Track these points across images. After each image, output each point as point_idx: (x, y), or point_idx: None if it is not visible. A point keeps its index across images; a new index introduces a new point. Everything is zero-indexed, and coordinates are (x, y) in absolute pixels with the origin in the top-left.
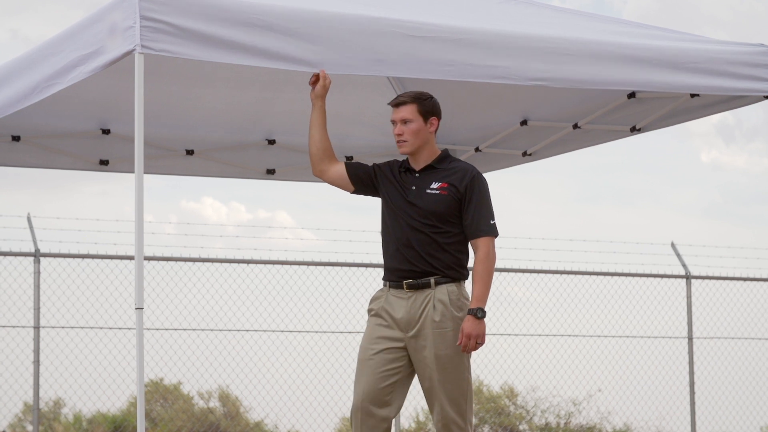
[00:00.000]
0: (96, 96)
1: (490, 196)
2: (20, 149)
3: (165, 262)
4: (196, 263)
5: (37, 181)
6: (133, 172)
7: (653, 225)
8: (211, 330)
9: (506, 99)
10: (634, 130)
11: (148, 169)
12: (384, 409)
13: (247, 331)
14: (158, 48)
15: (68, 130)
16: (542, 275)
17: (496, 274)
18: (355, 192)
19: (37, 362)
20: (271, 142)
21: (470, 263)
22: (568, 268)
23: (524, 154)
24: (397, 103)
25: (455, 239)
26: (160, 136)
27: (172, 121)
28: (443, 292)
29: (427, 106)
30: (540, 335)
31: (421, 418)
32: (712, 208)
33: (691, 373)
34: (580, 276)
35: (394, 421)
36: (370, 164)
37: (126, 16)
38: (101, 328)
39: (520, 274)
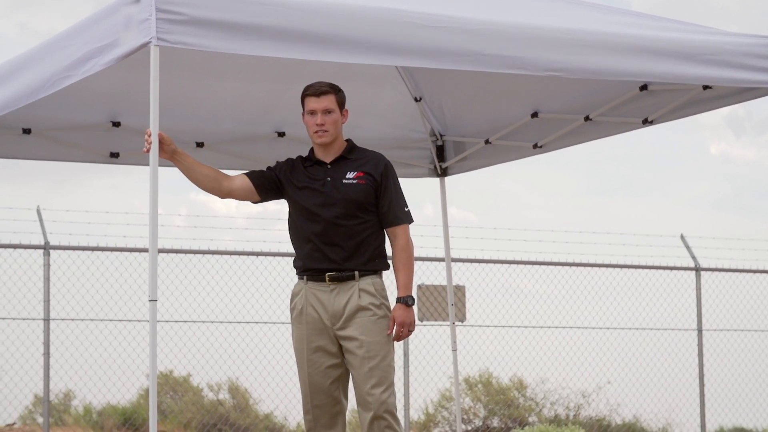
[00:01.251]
0: (106, 88)
1: (400, 184)
2: (31, 142)
3: (174, 255)
4: (206, 255)
5: (47, 174)
6: (144, 165)
7: (663, 217)
8: (221, 322)
9: (517, 91)
10: (645, 122)
11: (160, 162)
12: (335, 408)
13: (257, 323)
14: (174, 40)
15: (79, 123)
16: (552, 267)
17: (506, 266)
18: (261, 200)
19: (47, 354)
20: (281, 134)
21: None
22: (577, 261)
23: (535, 146)
24: (319, 93)
25: (374, 229)
26: (170, 129)
27: (182, 114)
28: (368, 283)
29: (343, 97)
30: (549, 327)
31: (431, 410)
32: (721, 200)
33: (701, 365)
34: (589, 268)
35: (403, 413)
36: (270, 169)
37: (142, 8)
38: (111, 320)
39: (529, 266)
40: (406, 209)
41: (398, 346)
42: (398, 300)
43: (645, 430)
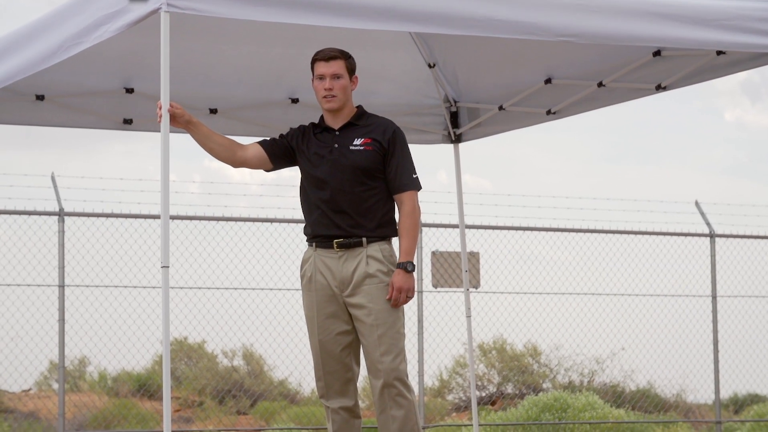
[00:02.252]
0: (119, 54)
1: (409, 151)
2: (44, 108)
3: (189, 221)
4: (220, 222)
5: (61, 140)
6: (158, 131)
7: (677, 184)
8: (235, 289)
9: (530, 57)
10: (659, 88)
11: (172, 129)
12: (348, 374)
13: (271, 289)
14: (184, 6)
15: (92, 89)
16: (566, 234)
17: (520, 232)
18: (274, 168)
19: (62, 321)
20: (295, 100)
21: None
22: (591, 227)
23: (548, 112)
24: (328, 57)
25: (382, 196)
26: (183, 95)
27: (195, 79)
28: (376, 249)
29: (353, 64)
30: (563, 294)
31: (445, 376)
32: (736, 166)
33: (715, 331)
34: (603, 234)
35: (417, 380)
36: (281, 137)
37: None
38: (125, 286)
39: (543, 233)
40: (414, 176)
41: (411, 312)
42: (398, 265)
43: (659, 397)
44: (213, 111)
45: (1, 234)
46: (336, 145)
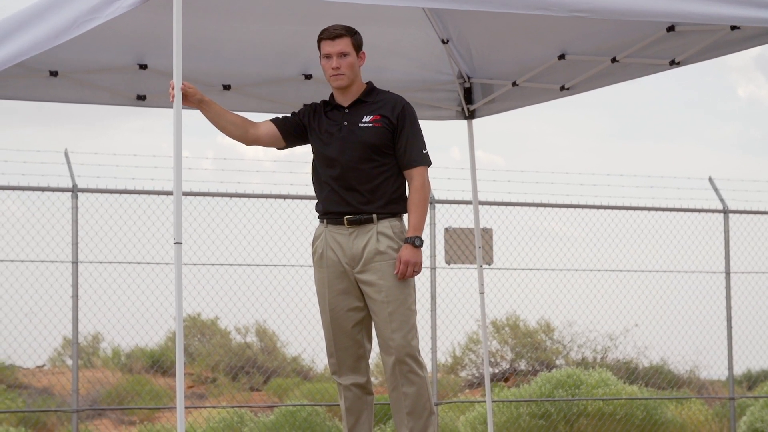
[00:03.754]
0: (132, 30)
1: (420, 126)
2: (58, 84)
3: (202, 198)
4: (233, 198)
5: (75, 116)
6: (170, 108)
7: (690, 160)
8: (248, 265)
9: (544, 33)
10: (673, 63)
11: (185, 106)
12: (360, 350)
13: (284, 266)
14: None
15: (105, 65)
16: (579, 210)
17: (533, 208)
18: (286, 146)
19: (75, 297)
20: (308, 76)
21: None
22: (605, 203)
23: (562, 88)
24: (334, 36)
25: (392, 172)
26: (196, 71)
27: (208, 56)
28: (386, 226)
29: (359, 40)
30: (577, 270)
31: (458, 353)
32: (749, 143)
33: (729, 307)
34: (617, 211)
35: (430, 356)
36: (292, 115)
37: None
38: (139, 263)
39: (557, 209)
40: (424, 151)
41: (425, 289)
42: (406, 240)
43: (672, 373)
44: (226, 87)
45: (14, 210)
46: (345, 123)
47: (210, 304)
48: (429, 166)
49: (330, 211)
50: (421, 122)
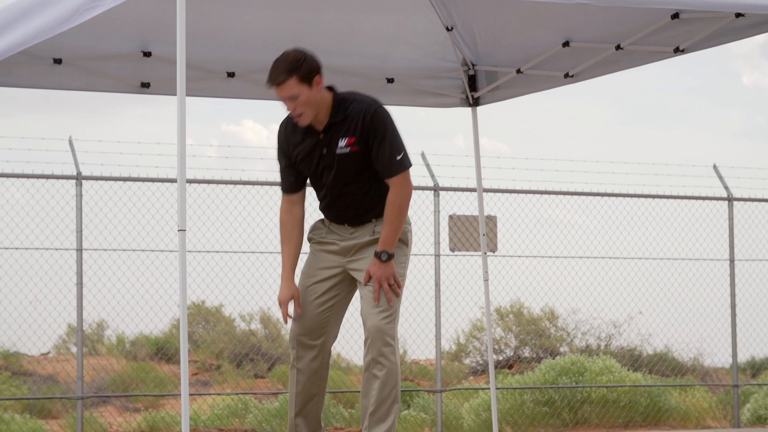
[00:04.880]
0: (136, 17)
1: (394, 127)
2: (61, 72)
3: (206, 185)
4: (237, 186)
5: (80, 104)
6: (174, 95)
7: (695, 147)
8: (252, 252)
9: (548, 20)
10: (677, 51)
11: (189, 92)
12: (320, 339)
13: None
14: None
15: (109, 53)
16: (583, 197)
17: (537, 196)
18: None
19: (80, 284)
20: None
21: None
22: (609, 191)
23: (566, 75)
24: (278, 83)
25: (381, 180)
26: (201, 58)
27: (213, 43)
28: None
29: (305, 70)
30: (581, 257)
31: (462, 340)
32: (754, 130)
33: (733, 295)
34: (621, 198)
35: (434, 343)
36: (283, 160)
37: None
38: (143, 250)
39: (561, 197)
40: (399, 157)
41: (429, 276)
42: (375, 254)
43: (676, 360)
44: (230, 74)
45: (19, 198)
46: (324, 151)
47: (214, 291)
48: (408, 168)
49: (331, 216)
50: (426, 109)
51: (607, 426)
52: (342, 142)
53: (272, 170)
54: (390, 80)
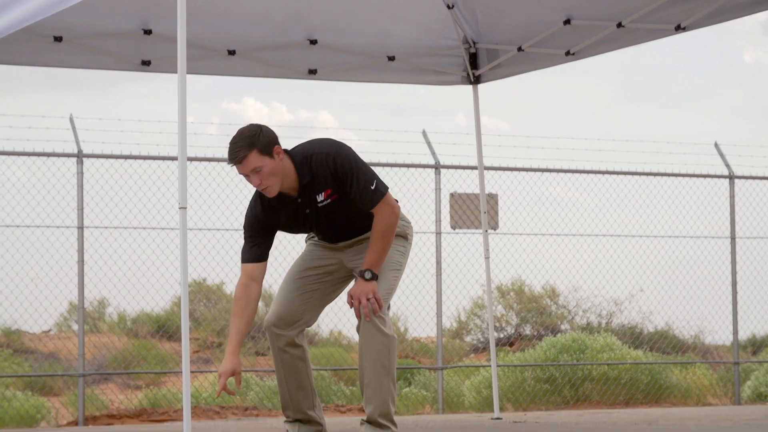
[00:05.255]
0: None
1: (357, 160)
2: (62, 50)
3: (207, 163)
4: None
5: (81, 82)
6: (175, 73)
7: (696, 125)
8: None
9: None
10: (678, 28)
11: (190, 70)
12: (293, 328)
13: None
14: None
15: (110, 30)
16: (584, 175)
17: (538, 174)
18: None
19: (81, 262)
20: (313, 42)
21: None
22: (610, 168)
23: (567, 53)
24: (238, 160)
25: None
26: (201, 36)
27: (213, 20)
28: None
29: (263, 141)
30: (582, 235)
31: (463, 318)
32: (755, 108)
33: (734, 273)
34: (622, 176)
35: (435, 321)
36: (256, 232)
37: None
38: (144, 228)
39: (562, 174)
40: (372, 187)
41: (430, 254)
42: (359, 273)
43: (677, 338)
44: (231, 52)
45: (20, 176)
46: (307, 211)
47: (215, 269)
48: (386, 192)
49: (323, 239)
50: (427, 87)
51: (607, 403)
52: (320, 197)
53: None
54: (391, 58)
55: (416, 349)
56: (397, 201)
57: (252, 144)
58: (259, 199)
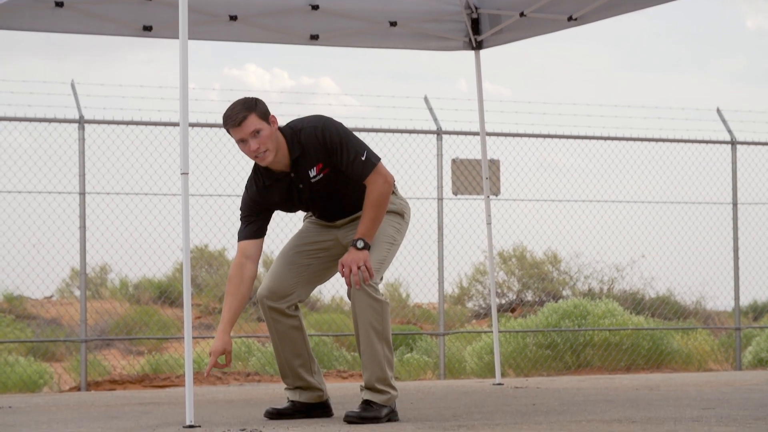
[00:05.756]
0: None
1: (347, 132)
2: (63, 15)
3: (209, 129)
4: None
5: (82, 48)
6: (177, 38)
7: (698, 92)
8: None
9: None
10: None
11: (192, 35)
12: (284, 301)
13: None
14: None
15: None
16: (586, 141)
17: (540, 140)
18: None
19: (83, 228)
20: (315, 7)
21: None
22: (612, 134)
23: (569, 18)
24: (238, 122)
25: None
26: (202, 1)
27: None
28: None
29: (262, 108)
30: (584, 201)
31: (465, 284)
32: (758, 74)
33: (735, 238)
34: (624, 142)
35: (437, 287)
36: (253, 211)
37: None
38: (146, 194)
39: (564, 140)
40: (363, 157)
41: (432, 220)
42: (351, 243)
43: (678, 304)
44: (233, 18)
45: (21, 141)
46: (301, 186)
47: (217, 235)
48: (378, 162)
49: (319, 218)
50: (429, 53)
51: (609, 369)
52: (312, 172)
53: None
54: (393, 24)
55: (418, 315)
56: (394, 179)
57: (250, 108)
58: (254, 179)
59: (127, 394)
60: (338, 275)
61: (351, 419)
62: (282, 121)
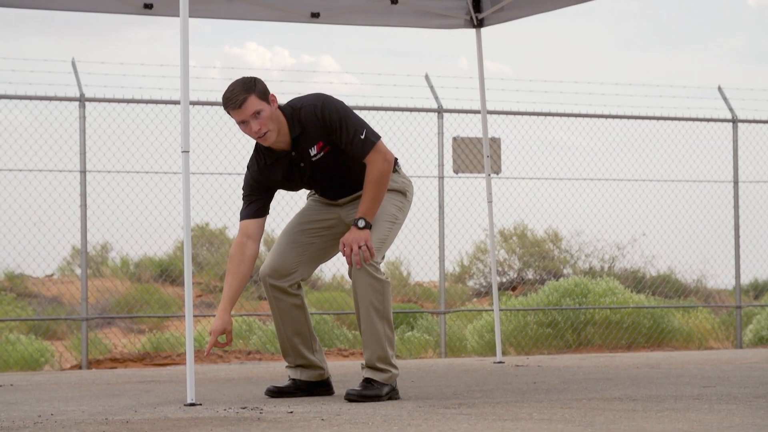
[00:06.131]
0: None
1: (346, 110)
2: None
3: (210, 107)
4: None
5: (83, 27)
6: (178, 16)
7: (700, 69)
8: None
9: None
10: None
11: (192, 13)
12: (286, 279)
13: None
14: None
15: None
16: (587, 119)
17: (541, 118)
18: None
19: (84, 206)
20: None
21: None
22: (613, 113)
23: None
24: (239, 103)
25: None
26: None
27: None
28: None
29: (260, 88)
30: (585, 179)
31: (466, 262)
32: (759, 53)
33: (736, 217)
34: (625, 120)
35: (438, 265)
36: (254, 190)
37: None
38: (147, 172)
39: (565, 119)
40: (363, 136)
41: (432, 198)
42: (353, 222)
43: (679, 282)
44: None
45: (22, 120)
46: (302, 164)
47: (218, 213)
48: (376, 143)
49: (322, 196)
50: (430, 31)
51: (610, 347)
52: (313, 150)
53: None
54: (394, 1)
55: (419, 294)
56: (396, 159)
57: (250, 89)
58: (255, 159)
59: (128, 372)
60: (340, 254)
61: (352, 397)
62: (283, 100)
